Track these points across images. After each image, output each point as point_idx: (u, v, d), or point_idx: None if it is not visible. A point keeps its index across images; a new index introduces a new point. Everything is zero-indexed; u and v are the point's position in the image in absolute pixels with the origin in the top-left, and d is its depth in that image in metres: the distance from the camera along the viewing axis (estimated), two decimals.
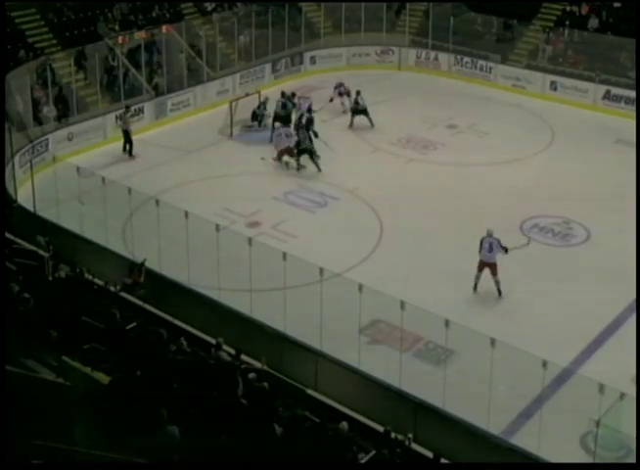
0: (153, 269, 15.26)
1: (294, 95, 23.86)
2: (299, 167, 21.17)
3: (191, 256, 15.19)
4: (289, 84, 26.58)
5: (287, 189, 20.25)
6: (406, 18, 29.33)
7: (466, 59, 27.95)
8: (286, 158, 21.44)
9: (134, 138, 22.29)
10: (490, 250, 15.86)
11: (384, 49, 28.98)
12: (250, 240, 14.50)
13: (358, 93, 23.68)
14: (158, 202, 15.78)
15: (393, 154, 22.37)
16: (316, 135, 21.50)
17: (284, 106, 23.12)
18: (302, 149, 21.10)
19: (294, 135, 21.40)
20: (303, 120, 22.10)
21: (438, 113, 24.92)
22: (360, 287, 12.94)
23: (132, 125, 22.42)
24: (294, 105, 23.33)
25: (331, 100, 24.53)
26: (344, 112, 24.00)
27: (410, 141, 23.05)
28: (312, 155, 21.06)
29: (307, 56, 28.56)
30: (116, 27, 25.63)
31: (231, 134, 23.44)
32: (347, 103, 24.14)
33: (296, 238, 17.79)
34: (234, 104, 23.70)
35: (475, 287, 16.02)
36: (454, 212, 18.63)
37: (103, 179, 16.87)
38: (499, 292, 15.82)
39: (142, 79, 24.61)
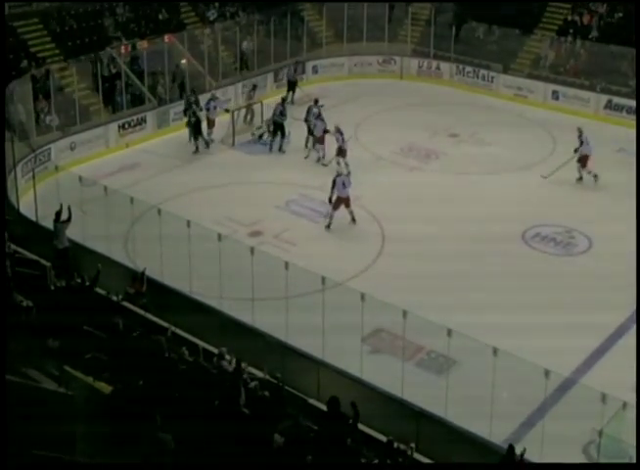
0: (155, 278, 15.26)
1: (316, 102, 23.71)
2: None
3: (193, 265, 15.20)
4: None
5: (289, 198, 20.30)
6: (408, 27, 29.41)
7: (468, 68, 28.02)
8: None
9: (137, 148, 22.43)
10: (344, 186, 18.72)
11: (385, 58, 29.06)
12: (252, 249, 14.50)
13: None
14: (160, 211, 15.79)
15: (395, 163, 22.43)
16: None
17: (282, 113, 23.12)
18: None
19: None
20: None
21: (440, 122, 24.93)
22: (362, 296, 12.92)
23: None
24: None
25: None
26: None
27: (412, 150, 23.09)
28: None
29: (309, 65, 28.63)
30: (123, 39, 25.73)
31: (233, 143, 23.50)
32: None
33: (297, 247, 17.80)
34: (236, 113, 23.76)
35: (329, 225, 18.65)
36: (456, 221, 18.63)
37: (105, 188, 16.91)
38: (354, 220, 18.77)
39: (144, 89, 24.71)
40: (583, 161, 20.77)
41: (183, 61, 25.94)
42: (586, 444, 12.05)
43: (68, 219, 16.27)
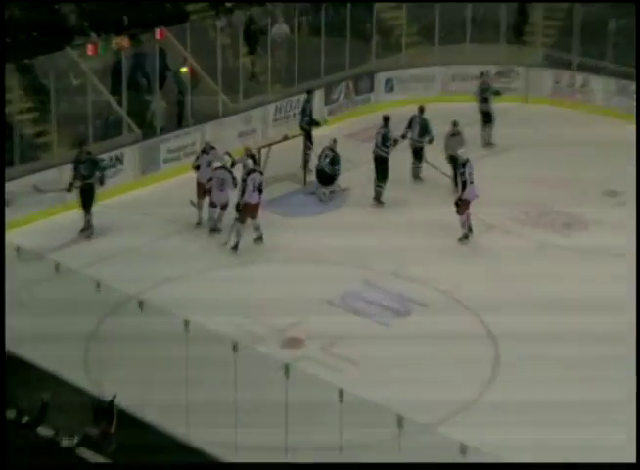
0: (131, 412, 15.28)
1: (422, 110, 25.08)
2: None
3: (191, 391, 15.24)
4: (349, 123, 27.53)
5: (346, 288, 20.41)
6: (538, 22, 29.64)
7: (633, 86, 28.10)
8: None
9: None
10: (254, 189, 21.51)
11: (502, 70, 29.44)
12: (286, 367, 14.44)
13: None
14: (141, 303, 15.92)
15: (516, 234, 22.58)
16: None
17: (333, 161, 23.97)
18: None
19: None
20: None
21: (590, 171, 25.00)
22: (463, 448, 12.81)
23: None
24: None
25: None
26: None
27: (543, 215, 23.19)
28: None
29: (381, 78, 29.27)
30: (90, 33, 26.40)
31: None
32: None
33: (359, 367, 17.78)
34: (265, 152, 24.03)
35: (236, 246, 21.55)
36: (608, 333, 18.42)
37: (57, 266, 17.14)
38: (260, 238, 21.87)
39: (122, 111, 25.14)
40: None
41: (184, 68, 26.52)
42: None
43: None
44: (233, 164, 22.89)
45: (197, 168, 23.12)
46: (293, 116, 27.30)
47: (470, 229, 22.23)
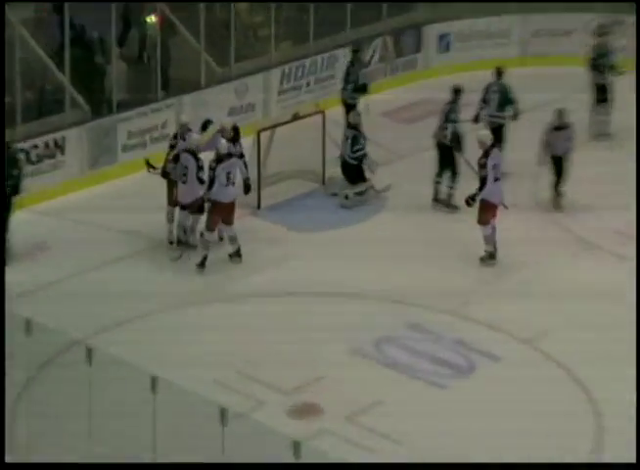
0: None
1: (500, 73, 25.83)
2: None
3: None
4: (387, 97, 27.94)
5: (382, 332, 20.34)
6: None
7: None
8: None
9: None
10: (228, 181, 22.17)
11: (604, 22, 29.43)
12: (296, 446, 14.11)
13: None
14: (90, 352, 15.82)
15: (628, 257, 22.49)
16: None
17: (354, 142, 24.37)
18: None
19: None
20: None
21: None
22: None
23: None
24: None
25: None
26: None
27: None
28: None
29: (432, 33, 29.68)
30: None
31: (258, 206, 24.04)
32: None
33: (401, 445, 17.53)
34: (267, 136, 24.24)
35: (202, 263, 22.18)
36: None
37: None
38: (238, 255, 22.57)
39: (65, 80, 25.14)
40: None
41: (151, 17, 26.94)
42: None
43: None
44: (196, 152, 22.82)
45: (174, 161, 23.07)
46: (306, 85, 28.04)
47: (495, 246, 22.51)
